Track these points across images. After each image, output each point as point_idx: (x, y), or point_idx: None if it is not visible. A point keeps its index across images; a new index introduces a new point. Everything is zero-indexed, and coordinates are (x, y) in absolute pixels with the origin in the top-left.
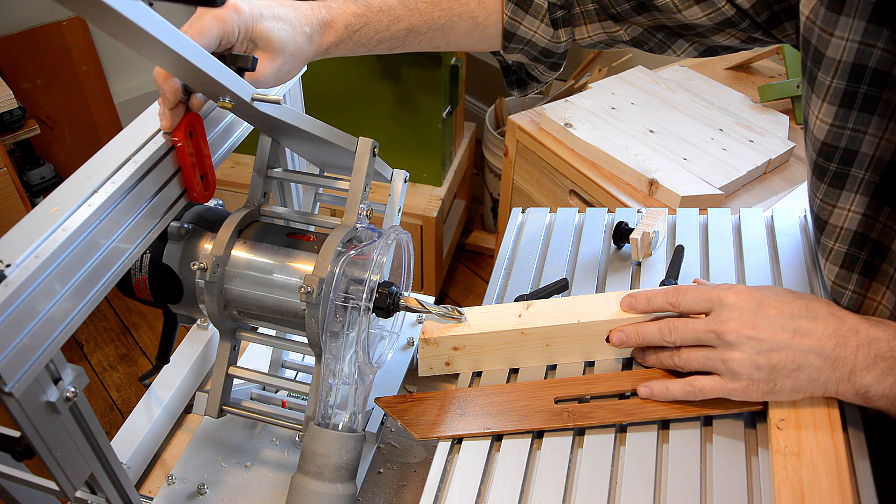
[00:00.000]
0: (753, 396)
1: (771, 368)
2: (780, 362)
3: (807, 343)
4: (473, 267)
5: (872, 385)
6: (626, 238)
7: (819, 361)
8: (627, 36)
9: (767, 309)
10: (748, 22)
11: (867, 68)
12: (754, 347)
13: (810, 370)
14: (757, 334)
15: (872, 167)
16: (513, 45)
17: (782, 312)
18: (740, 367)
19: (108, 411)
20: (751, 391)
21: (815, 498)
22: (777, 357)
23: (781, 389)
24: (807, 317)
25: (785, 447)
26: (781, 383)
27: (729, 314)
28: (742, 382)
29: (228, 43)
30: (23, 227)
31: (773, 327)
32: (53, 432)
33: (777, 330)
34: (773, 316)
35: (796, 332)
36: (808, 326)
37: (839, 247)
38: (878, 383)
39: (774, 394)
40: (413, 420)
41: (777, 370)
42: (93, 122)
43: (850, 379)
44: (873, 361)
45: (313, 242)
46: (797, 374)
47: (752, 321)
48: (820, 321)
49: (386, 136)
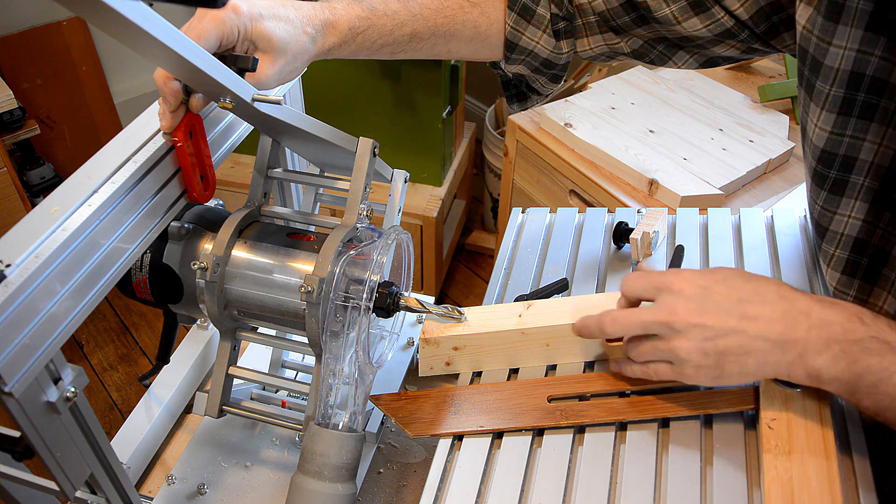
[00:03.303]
0: (703, 381)
1: (718, 354)
2: (727, 348)
3: (754, 328)
4: (473, 267)
5: (824, 368)
6: (626, 238)
7: (767, 346)
8: (628, 48)
9: (714, 295)
10: (747, 33)
11: (865, 76)
12: (701, 335)
13: (758, 354)
14: (703, 321)
15: (872, 173)
16: (514, 55)
17: (729, 297)
18: (688, 354)
19: (108, 411)
20: (699, 376)
21: (804, 497)
22: (724, 343)
23: (730, 374)
24: (754, 301)
25: (776, 446)
26: (729, 368)
27: (675, 302)
28: (690, 369)
29: (228, 44)
30: (23, 227)
31: (719, 313)
32: (53, 432)
33: (724, 315)
34: (719, 301)
35: (743, 316)
36: (756, 311)
37: (840, 253)
38: (830, 367)
39: (723, 378)
40: (407, 417)
41: (724, 356)
42: (93, 122)
43: (802, 362)
44: (825, 344)
45: (313, 242)
46: (745, 359)
47: (699, 308)
48: (768, 304)
49: (386, 137)
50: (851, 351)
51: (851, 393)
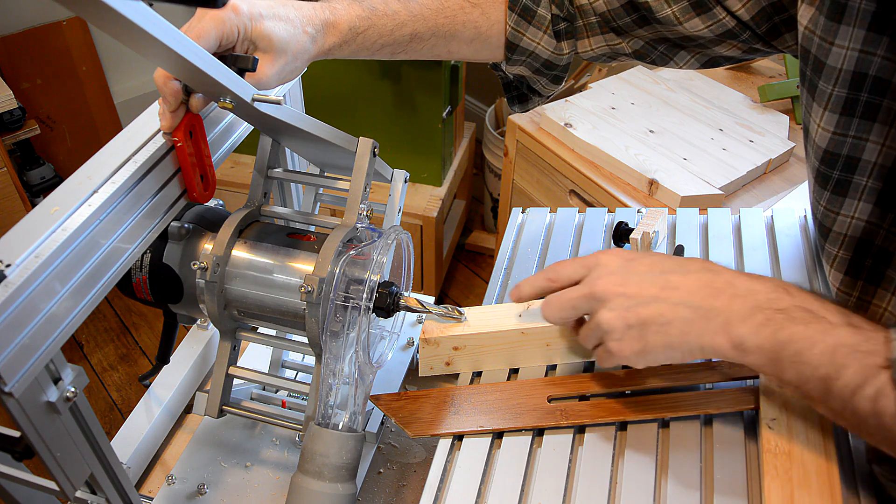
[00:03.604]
0: (628, 357)
1: (641, 324)
2: (648, 316)
3: (676, 296)
4: (473, 267)
5: (748, 336)
6: (626, 238)
7: (689, 313)
8: (630, 49)
9: (638, 266)
10: (749, 33)
11: (868, 76)
12: (622, 304)
13: (680, 323)
14: (625, 290)
15: (875, 174)
16: (515, 56)
17: (652, 269)
18: (610, 324)
19: (108, 411)
20: (623, 349)
21: (804, 497)
22: (646, 311)
23: (653, 347)
24: (678, 271)
25: (776, 446)
26: (652, 339)
27: (599, 274)
28: (615, 342)
29: (228, 43)
30: (23, 227)
31: (641, 283)
32: (53, 432)
33: (646, 285)
34: (642, 272)
35: (665, 286)
36: (678, 280)
37: (843, 253)
38: (754, 334)
39: (646, 353)
40: (407, 417)
41: (647, 325)
42: (93, 122)
43: (726, 330)
44: (750, 312)
45: (313, 242)
46: (667, 329)
47: (622, 279)
48: (691, 274)
49: (386, 137)
50: (776, 319)
51: (775, 363)
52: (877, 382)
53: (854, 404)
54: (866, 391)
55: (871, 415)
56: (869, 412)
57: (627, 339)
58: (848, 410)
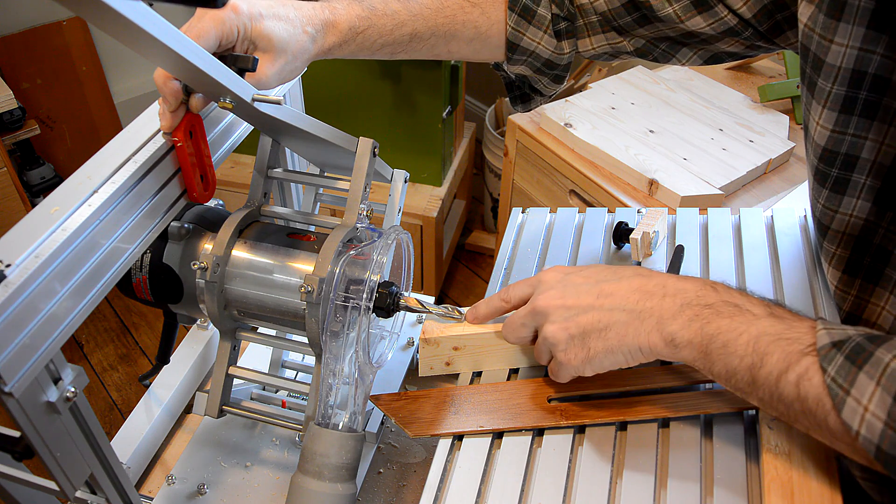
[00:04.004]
0: (576, 367)
1: (582, 333)
2: (587, 324)
3: (610, 302)
4: (473, 267)
5: (678, 332)
6: (626, 238)
7: (624, 317)
8: (631, 47)
9: (574, 279)
10: (751, 31)
11: (867, 74)
12: (563, 315)
13: (617, 326)
14: (563, 302)
15: (874, 172)
16: (516, 56)
17: (588, 279)
18: (554, 336)
19: (108, 411)
20: (570, 359)
21: (804, 497)
22: (585, 319)
23: (596, 353)
24: (611, 280)
25: (776, 447)
26: (594, 346)
27: (541, 290)
28: (561, 353)
29: (228, 43)
30: (23, 227)
31: (578, 294)
32: (53, 432)
33: (583, 296)
34: (579, 284)
35: (600, 294)
36: (612, 287)
37: (842, 252)
38: (684, 329)
39: (591, 360)
40: (407, 417)
41: (587, 333)
42: (93, 122)
43: (658, 328)
44: (680, 309)
45: (313, 242)
46: (606, 333)
47: (560, 292)
48: (624, 280)
49: (386, 137)
50: (703, 314)
51: (705, 356)
52: (798, 368)
53: (779, 391)
54: (789, 377)
55: (796, 399)
56: (793, 397)
57: (572, 349)
58: (775, 398)
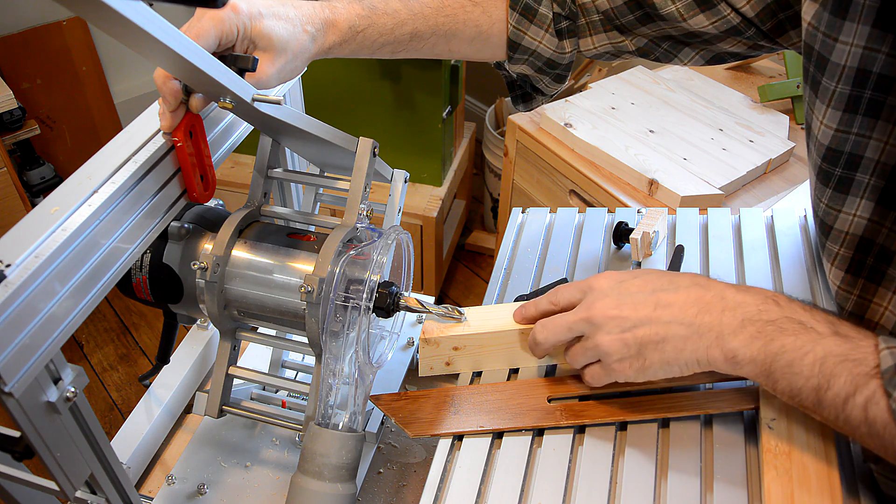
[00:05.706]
0: (630, 374)
1: (639, 344)
2: (645, 336)
3: (668, 314)
4: (473, 267)
5: (740, 349)
6: (626, 238)
7: (683, 330)
8: (633, 46)
9: (630, 287)
10: (754, 30)
11: (872, 73)
12: (619, 326)
13: (675, 340)
14: (619, 313)
15: (878, 172)
16: (517, 55)
17: (644, 288)
18: (609, 347)
19: (108, 411)
20: (625, 369)
21: (804, 497)
22: (642, 332)
23: (651, 364)
24: (668, 289)
25: (776, 446)
26: (651, 357)
27: (594, 298)
28: (615, 363)
29: (228, 43)
30: (23, 227)
31: (635, 304)
32: (53, 432)
33: (639, 306)
34: (634, 293)
35: (658, 305)
36: (670, 298)
37: (845, 252)
38: (747, 347)
39: (647, 370)
40: (407, 417)
41: (644, 345)
42: (93, 122)
43: (718, 343)
44: (741, 325)
45: (313, 242)
46: (663, 346)
47: (616, 302)
48: (681, 291)
49: (386, 137)
50: (766, 331)
51: (767, 375)
52: (866, 391)
53: (846, 413)
54: (857, 400)
55: (863, 423)
56: (861, 420)
57: (628, 360)
58: (840, 419)
